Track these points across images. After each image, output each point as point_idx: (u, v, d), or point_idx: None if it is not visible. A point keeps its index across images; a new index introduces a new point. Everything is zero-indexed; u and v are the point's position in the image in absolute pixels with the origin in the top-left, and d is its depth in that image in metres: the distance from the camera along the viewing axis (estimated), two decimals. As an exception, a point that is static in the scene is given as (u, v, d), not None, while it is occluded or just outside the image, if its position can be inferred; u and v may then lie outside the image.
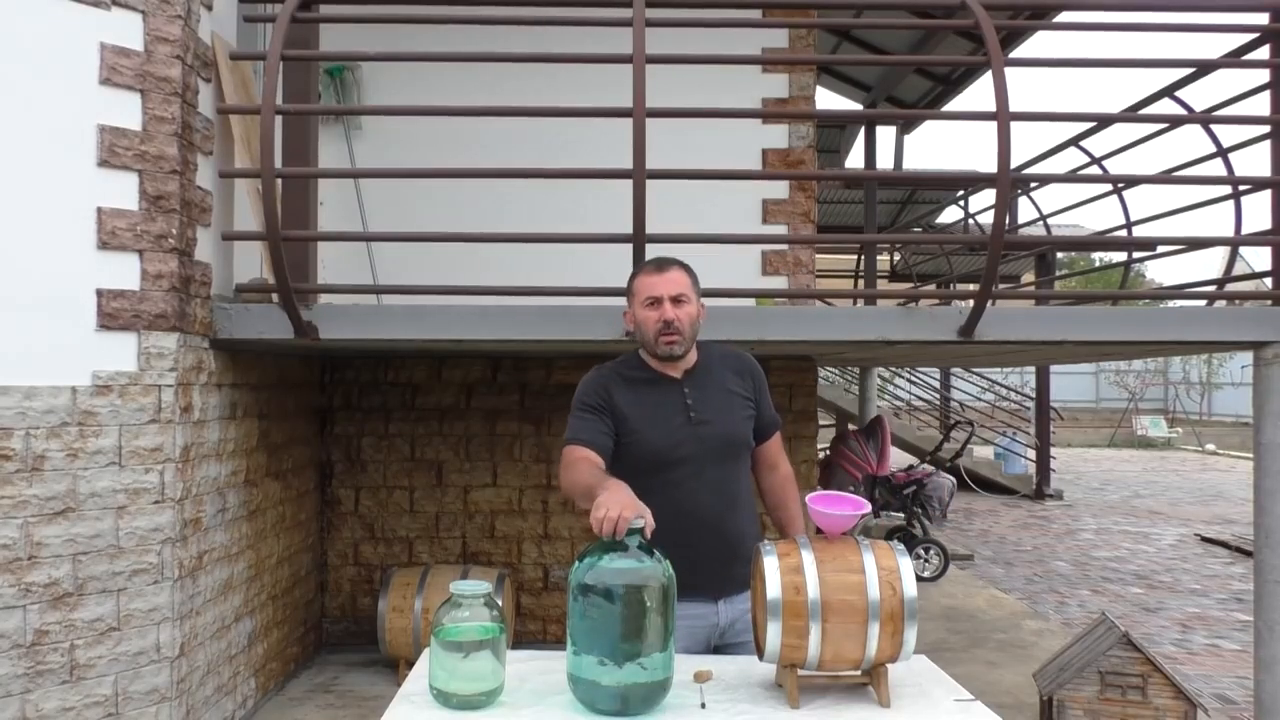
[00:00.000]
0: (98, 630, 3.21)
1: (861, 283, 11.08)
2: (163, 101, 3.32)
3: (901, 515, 8.11)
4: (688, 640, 2.39)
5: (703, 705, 1.89)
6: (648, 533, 1.88)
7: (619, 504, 1.87)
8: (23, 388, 3.08)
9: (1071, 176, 5.37)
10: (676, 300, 2.39)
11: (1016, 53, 7.45)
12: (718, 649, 2.43)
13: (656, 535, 1.91)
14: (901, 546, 1.98)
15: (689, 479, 2.39)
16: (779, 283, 5.46)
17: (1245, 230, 5.11)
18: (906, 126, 10.33)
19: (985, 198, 11.03)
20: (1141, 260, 11.01)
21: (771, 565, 1.91)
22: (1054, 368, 15.38)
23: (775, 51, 5.42)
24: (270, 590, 4.52)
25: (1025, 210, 11.24)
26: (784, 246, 5.46)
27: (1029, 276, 13.21)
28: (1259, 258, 6.66)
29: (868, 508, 2.00)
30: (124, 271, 3.27)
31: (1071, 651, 4.02)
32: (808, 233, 5.54)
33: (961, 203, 10.57)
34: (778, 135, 5.47)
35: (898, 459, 10.32)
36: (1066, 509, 12.34)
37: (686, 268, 2.47)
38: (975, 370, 15.07)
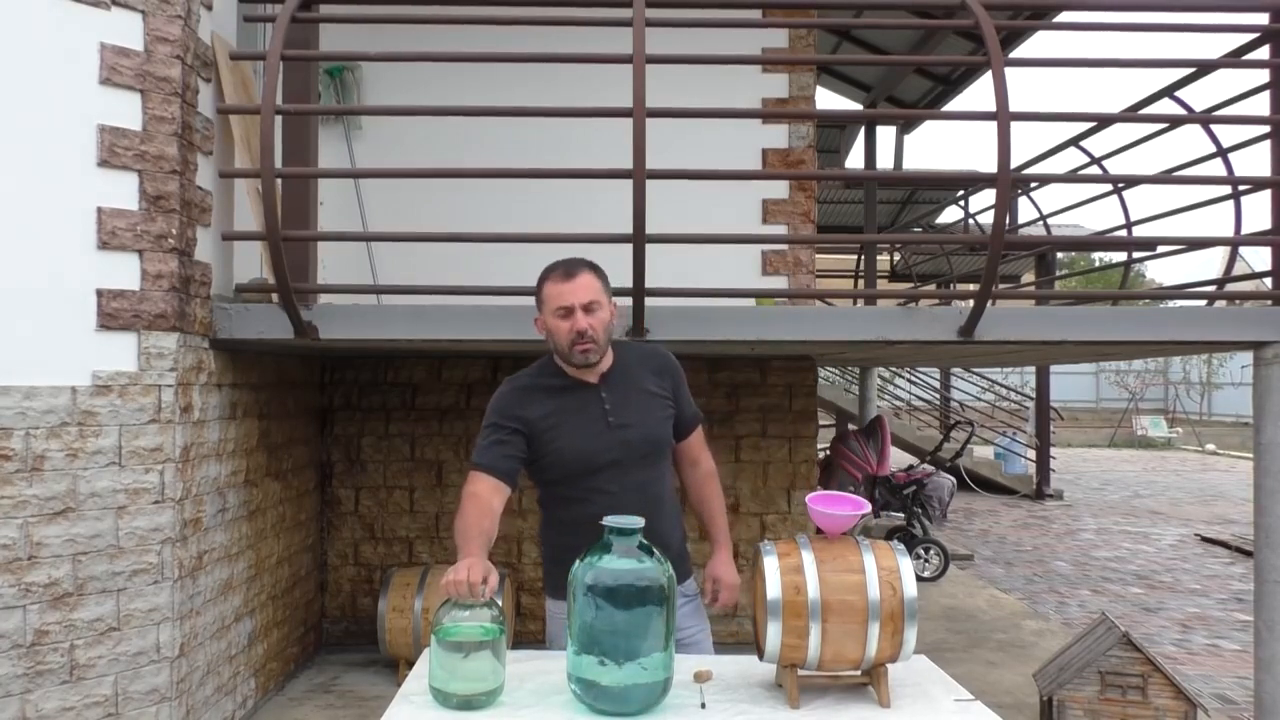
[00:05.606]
0: (98, 630, 3.21)
1: (861, 283, 11.08)
2: (163, 101, 3.32)
3: (901, 515, 8.10)
4: None
5: (703, 705, 1.89)
6: (489, 593, 1.95)
7: (467, 568, 1.97)
8: (23, 388, 3.08)
9: (1071, 176, 5.37)
10: (588, 308, 2.32)
11: (1016, 53, 7.44)
12: None
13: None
14: (901, 546, 1.98)
15: (612, 484, 2.37)
16: (779, 283, 5.45)
17: (1245, 230, 5.11)
18: (906, 126, 10.33)
19: (985, 198, 11.03)
20: (1141, 260, 11.01)
21: (771, 565, 1.91)
22: (1054, 368, 15.38)
23: (775, 51, 5.42)
24: (270, 590, 4.52)
25: (1025, 210, 11.23)
26: (784, 246, 5.46)
27: (1029, 276, 13.21)
28: (1259, 258, 6.66)
29: (868, 508, 2.00)
30: (124, 271, 3.27)
31: (1071, 651, 4.02)
32: (808, 233, 5.54)
33: (961, 203, 10.58)
34: (778, 135, 5.47)
35: (898, 459, 10.32)
36: (1066, 509, 12.34)
37: (595, 269, 2.40)
38: (975, 370, 15.07)
